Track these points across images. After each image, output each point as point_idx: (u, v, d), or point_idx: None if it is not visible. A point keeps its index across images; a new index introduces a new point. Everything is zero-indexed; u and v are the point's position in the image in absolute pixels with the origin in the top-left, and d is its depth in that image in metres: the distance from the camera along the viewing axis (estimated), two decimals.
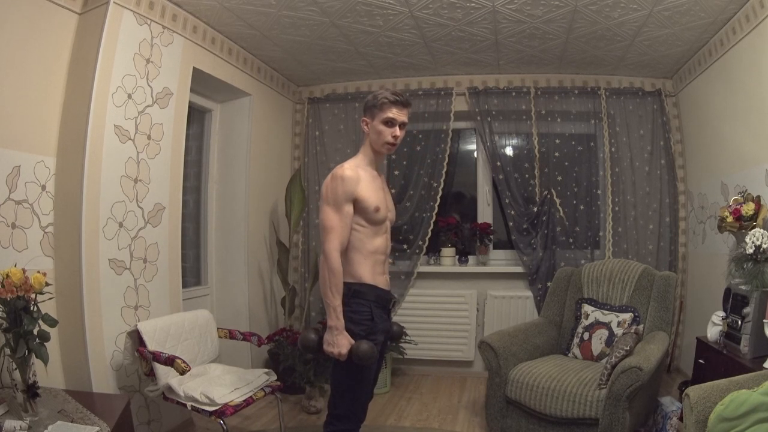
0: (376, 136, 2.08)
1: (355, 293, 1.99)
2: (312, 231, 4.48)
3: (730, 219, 2.87)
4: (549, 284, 3.84)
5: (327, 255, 1.93)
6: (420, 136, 4.42)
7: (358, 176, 2.00)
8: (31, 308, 1.95)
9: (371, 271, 2.05)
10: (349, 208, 1.98)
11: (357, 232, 2.02)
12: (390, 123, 2.06)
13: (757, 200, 2.78)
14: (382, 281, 2.10)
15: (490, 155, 4.31)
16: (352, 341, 1.93)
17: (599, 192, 4.22)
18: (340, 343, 1.90)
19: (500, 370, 2.95)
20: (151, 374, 2.56)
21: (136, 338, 2.57)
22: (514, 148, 4.36)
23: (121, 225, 2.69)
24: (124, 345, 2.62)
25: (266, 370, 2.81)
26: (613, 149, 4.18)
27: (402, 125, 2.10)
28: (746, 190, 2.90)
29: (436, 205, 4.33)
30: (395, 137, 2.08)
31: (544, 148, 4.25)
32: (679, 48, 3.60)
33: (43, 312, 2.00)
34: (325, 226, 1.96)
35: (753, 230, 2.60)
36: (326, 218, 1.97)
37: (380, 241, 2.09)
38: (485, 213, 4.52)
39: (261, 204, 4.12)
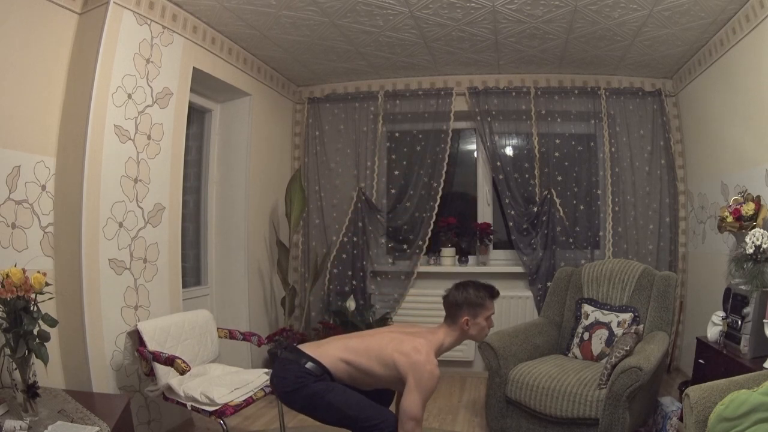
0: (477, 332, 2.24)
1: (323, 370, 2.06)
2: (312, 231, 4.48)
3: (730, 219, 2.87)
4: (549, 284, 3.84)
5: None
6: (420, 136, 4.42)
7: None
8: (31, 308, 1.95)
9: (338, 371, 2.08)
10: None
11: (372, 377, 2.10)
12: (489, 317, 2.23)
13: (757, 200, 2.78)
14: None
15: (490, 155, 4.30)
16: None
17: (599, 192, 4.22)
18: None
19: (500, 370, 2.95)
20: (151, 374, 2.56)
21: (136, 338, 2.57)
22: (514, 148, 4.36)
23: (121, 225, 2.69)
24: (124, 345, 2.62)
25: (266, 370, 2.81)
26: (613, 149, 4.18)
27: None
28: (746, 190, 2.90)
29: (436, 205, 4.33)
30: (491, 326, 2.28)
31: (544, 148, 4.24)
32: (679, 48, 3.60)
33: (43, 312, 2.00)
34: (416, 417, 1.98)
35: (753, 230, 2.60)
36: (416, 409, 1.98)
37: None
38: (485, 213, 4.52)
39: (261, 204, 4.12)
